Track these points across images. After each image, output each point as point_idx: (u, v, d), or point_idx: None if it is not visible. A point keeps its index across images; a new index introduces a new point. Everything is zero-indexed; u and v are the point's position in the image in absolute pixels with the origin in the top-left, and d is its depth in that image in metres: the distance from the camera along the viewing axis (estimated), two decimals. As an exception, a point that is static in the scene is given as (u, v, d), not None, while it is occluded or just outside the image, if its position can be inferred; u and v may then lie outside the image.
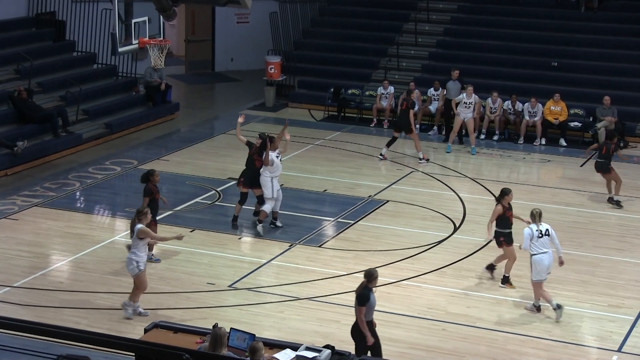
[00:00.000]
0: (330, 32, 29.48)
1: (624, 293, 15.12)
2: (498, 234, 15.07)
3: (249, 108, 27.03)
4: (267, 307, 14.10)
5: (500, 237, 15.04)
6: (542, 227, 14.03)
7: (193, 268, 15.65)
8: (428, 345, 13.24)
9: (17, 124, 21.85)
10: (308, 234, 17.30)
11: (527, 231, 14.03)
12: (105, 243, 16.69)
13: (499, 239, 15.06)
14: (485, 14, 28.82)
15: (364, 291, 11.73)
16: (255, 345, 9.83)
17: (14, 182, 20.00)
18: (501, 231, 15.02)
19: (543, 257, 13.93)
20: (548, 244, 14.01)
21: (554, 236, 14.12)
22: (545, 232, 14.00)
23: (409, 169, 21.42)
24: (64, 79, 24.06)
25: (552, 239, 14.09)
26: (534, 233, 13.97)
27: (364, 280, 11.83)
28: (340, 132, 24.52)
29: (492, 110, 24.32)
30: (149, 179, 15.54)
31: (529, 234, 13.99)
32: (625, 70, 26.03)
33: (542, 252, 13.94)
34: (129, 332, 12.98)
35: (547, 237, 14.00)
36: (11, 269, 15.46)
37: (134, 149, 22.70)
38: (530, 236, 13.97)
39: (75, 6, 25.97)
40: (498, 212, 14.98)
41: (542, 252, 13.95)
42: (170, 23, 21.49)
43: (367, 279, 11.81)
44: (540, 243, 13.95)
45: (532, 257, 13.99)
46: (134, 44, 17.63)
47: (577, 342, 13.52)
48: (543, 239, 13.97)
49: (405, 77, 26.74)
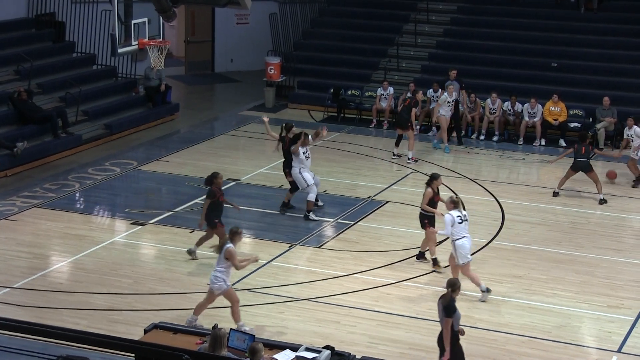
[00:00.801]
0: (330, 33, 29.48)
1: (623, 293, 15.13)
2: (423, 217, 15.78)
3: (248, 109, 27.05)
4: (267, 308, 14.11)
5: (425, 219, 15.74)
6: (462, 213, 14.59)
7: (193, 269, 15.65)
8: (428, 345, 13.23)
9: (17, 125, 21.85)
10: (308, 234, 17.30)
11: (449, 217, 14.57)
12: (105, 244, 16.69)
13: (424, 221, 15.77)
14: (485, 14, 28.83)
15: (450, 302, 11.35)
16: (255, 346, 9.84)
17: (14, 183, 20.01)
18: (426, 214, 15.72)
19: (464, 241, 14.53)
20: (467, 229, 14.60)
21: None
22: (464, 217, 14.60)
23: (409, 170, 21.43)
24: (64, 80, 24.07)
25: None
26: (455, 219, 14.49)
27: (449, 290, 11.44)
28: (340, 132, 24.53)
29: (491, 111, 24.33)
30: (212, 181, 15.55)
31: (451, 220, 14.54)
32: (625, 71, 26.03)
33: (462, 237, 14.53)
34: (128, 332, 12.98)
35: (466, 222, 14.60)
36: (11, 269, 15.47)
37: (133, 150, 22.71)
38: (452, 222, 14.51)
39: (75, 7, 25.98)
40: (429, 196, 15.67)
41: (463, 236, 14.53)
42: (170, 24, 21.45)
43: (452, 289, 11.46)
44: (460, 228, 14.53)
45: (454, 242, 14.58)
46: (134, 44, 17.63)
47: (576, 342, 13.53)
48: (463, 224, 14.55)
49: (405, 78, 26.74)
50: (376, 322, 13.88)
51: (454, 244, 14.64)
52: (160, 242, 16.92)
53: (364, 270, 15.76)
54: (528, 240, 17.30)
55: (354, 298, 14.68)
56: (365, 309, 14.27)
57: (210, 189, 15.63)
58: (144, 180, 20.66)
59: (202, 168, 21.07)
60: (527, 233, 17.67)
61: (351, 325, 13.77)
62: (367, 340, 13.30)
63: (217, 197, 15.58)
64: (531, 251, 16.74)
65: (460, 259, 14.62)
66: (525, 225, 18.06)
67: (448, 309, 11.27)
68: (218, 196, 15.59)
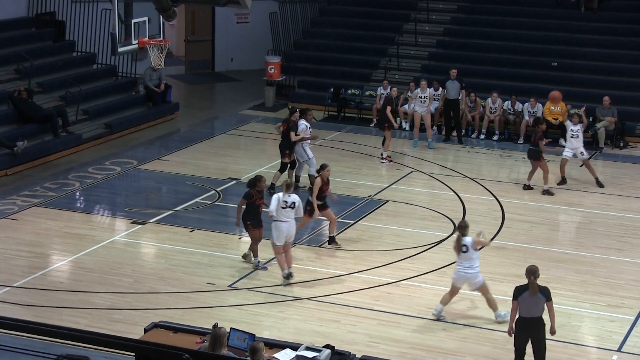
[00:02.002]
0: (330, 32, 29.47)
1: (624, 293, 15.12)
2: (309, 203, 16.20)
3: (248, 108, 27.05)
4: (267, 307, 14.10)
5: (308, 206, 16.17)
6: (289, 199, 14.82)
7: (193, 268, 15.65)
8: (428, 345, 13.25)
9: (17, 124, 21.85)
10: (308, 234, 17.30)
11: (276, 197, 14.92)
12: (105, 243, 16.69)
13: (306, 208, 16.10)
14: (485, 14, 28.82)
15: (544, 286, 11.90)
16: (255, 346, 9.83)
17: (14, 182, 20.00)
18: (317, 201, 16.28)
19: (282, 225, 14.82)
20: (292, 214, 14.90)
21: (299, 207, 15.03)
22: (291, 204, 14.84)
23: (409, 169, 21.43)
24: (64, 79, 24.06)
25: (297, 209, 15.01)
26: (280, 201, 14.80)
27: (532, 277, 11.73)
28: (340, 132, 24.52)
29: (491, 110, 24.33)
30: (255, 184, 15.46)
31: (276, 199, 14.86)
32: (625, 70, 26.02)
33: (282, 221, 14.81)
34: (128, 332, 12.97)
35: (291, 209, 14.86)
36: (11, 269, 15.47)
37: (133, 149, 22.70)
38: (277, 201, 14.82)
39: (75, 6, 25.97)
40: (318, 185, 16.23)
41: (283, 220, 14.81)
42: (170, 23, 21.45)
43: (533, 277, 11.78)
44: (283, 212, 14.82)
45: (274, 222, 14.89)
46: (134, 44, 17.62)
47: (577, 342, 13.52)
48: (287, 210, 14.83)
49: (405, 77, 26.72)
50: (376, 322, 13.87)
51: (273, 224, 14.94)
52: (161, 241, 16.91)
53: (364, 269, 15.76)
54: (528, 239, 17.29)
55: (354, 297, 14.67)
56: (365, 308, 14.27)
57: (248, 190, 15.48)
58: (144, 179, 20.66)
59: (202, 167, 21.09)
60: (528, 232, 17.67)
61: (351, 324, 13.76)
62: (368, 339, 13.30)
63: (253, 199, 15.44)
64: (532, 250, 16.74)
65: (275, 240, 14.94)
66: (526, 224, 18.06)
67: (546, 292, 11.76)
68: (255, 199, 15.45)
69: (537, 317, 11.77)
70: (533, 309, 11.74)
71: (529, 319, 11.76)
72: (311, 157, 19.33)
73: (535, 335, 11.85)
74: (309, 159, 19.35)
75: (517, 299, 11.73)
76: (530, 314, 11.74)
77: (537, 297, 11.70)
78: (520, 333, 11.86)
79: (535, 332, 11.83)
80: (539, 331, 11.84)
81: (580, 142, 20.22)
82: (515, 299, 11.75)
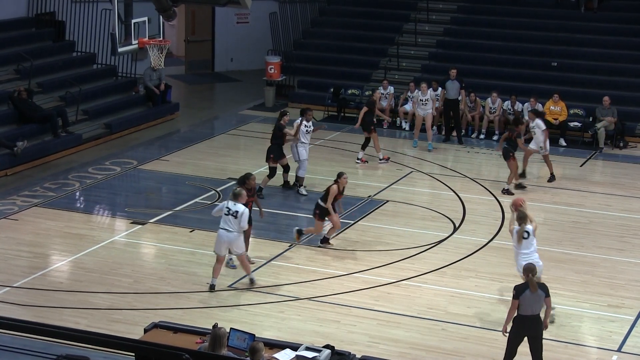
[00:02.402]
0: (330, 32, 29.48)
1: (624, 293, 15.12)
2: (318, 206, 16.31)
3: (248, 108, 27.05)
4: (267, 307, 14.10)
5: (317, 209, 16.37)
6: (233, 208, 14.46)
7: (193, 268, 15.64)
8: (428, 345, 13.25)
9: (17, 124, 21.85)
10: (308, 234, 17.27)
11: (219, 205, 14.83)
12: (105, 243, 16.68)
13: (315, 211, 16.39)
14: (485, 14, 28.83)
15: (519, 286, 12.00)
16: (255, 346, 9.83)
17: (14, 182, 20.00)
18: (322, 205, 16.28)
19: (222, 233, 14.49)
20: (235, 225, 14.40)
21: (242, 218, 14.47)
22: (234, 213, 14.42)
23: (409, 169, 21.42)
24: (64, 79, 24.06)
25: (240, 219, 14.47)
26: (223, 209, 14.57)
27: (530, 275, 11.87)
28: (340, 132, 24.52)
29: (491, 110, 24.33)
30: (245, 182, 15.52)
31: (219, 208, 14.72)
32: (625, 70, 26.02)
33: (223, 229, 14.47)
34: (128, 332, 12.97)
35: (233, 217, 14.42)
36: (11, 269, 15.46)
37: (133, 149, 22.70)
38: (220, 210, 14.67)
39: (75, 6, 25.97)
40: (334, 193, 16.23)
41: (223, 228, 14.46)
42: (170, 23, 21.44)
43: (531, 273, 11.93)
44: (225, 220, 14.45)
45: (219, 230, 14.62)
46: (134, 44, 17.62)
47: (577, 342, 13.52)
48: (229, 217, 14.43)
49: (405, 77, 26.75)
50: (376, 322, 13.87)
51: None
52: (161, 241, 16.91)
53: (364, 269, 15.75)
54: (528, 239, 17.26)
55: (354, 297, 14.67)
56: (365, 308, 14.26)
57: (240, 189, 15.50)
58: (144, 179, 20.66)
59: (202, 167, 21.09)
60: (528, 232, 17.64)
61: (351, 324, 13.76)
62: (368, 339, 13.29)
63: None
64: (531, 250, 16.71)
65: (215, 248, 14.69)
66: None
67: (546, 288, 11.87)
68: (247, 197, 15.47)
69: (537, 315, 11.79)
70: (535, 306, 11.76)
71: (530, 317, 11.77)
72: (303, 158, 19.36)
73: (534, 334, 11.86)
74: (301, 160, 19.36)
75: (518, 297, 11.73)
76: (532, 312, 11.76)
77: (537, 294, 11.73)
78: (519, 332, 11.87)
79: (536, 330, 11.85)
80: (539, 329, 11.88)
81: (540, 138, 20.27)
82: (517, 298, 11.74)
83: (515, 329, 11.89)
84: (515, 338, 11.94)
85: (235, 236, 14.47)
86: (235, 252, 14.76)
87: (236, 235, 14.47)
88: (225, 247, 14.56)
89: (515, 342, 11.95)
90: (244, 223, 14.52)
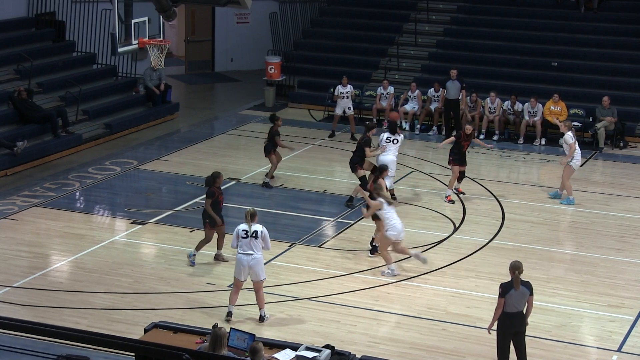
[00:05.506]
0: (330, 32, 29.48)
1: (624, 293, 15.12)
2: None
3: (248, 108, 27.06)
4: (267, 307, 14.08)
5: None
6: (252, 229, 13.45)
7: (193, 268, 15.65)
8: (428, 345, 13.25)
9: (17, 124, 21.85)
10: (308, 234, 17.30)
11: (234, 234, 13.56)
12: (105, 243, 16.68)
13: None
14: (485, 14, 28.83)
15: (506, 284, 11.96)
16: (255, 346, 9.82)
17: (14, 182, 20.00)
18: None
19: (242, 258, 13.44)
20: (255, 247, 13.41)
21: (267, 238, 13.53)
22: (254, 234, 13.41)
23: (409, 169, 21.42)
24: (64, 79, 24.06)
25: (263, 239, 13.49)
26: (239, 233, 13.48)
27: (516, 272, 11.83)
28: (341, 132, 24.51)
29: (490, 110, 24.33)
30: (215, 181, 15.56)
31: (237, 230, 13.51)
32: (625, 70, 26.03)
33: (243, 254, 13.41)
34: (128, 332, 12.98)
35: (254, 238, 13.39)
36: (11, 269, 15.47)
37: (133, 149, 22.70)
38: (237, 233, 13.48)
39: (75, 6, 25.97)
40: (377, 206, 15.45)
41: (243, 253, 13.41)
42: (170, 23, 21.48)
43: (518, 271, 11.88)
44: (245, 243, 13.41)
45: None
46: (134, 44, 17.63)
47: (577, 342, 13.52)
48: (249, 239, 13.40)
49: (405, 77, 26.75)
50: (376, 322, 13.87)
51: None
52: (161, 241, 16.91)
53: (364, 269, 15.75)
54: (529, 239, 17.29)
55: (354, 297, 14.67)
56: (365, 309, 14.26)
57: (209, 189, 15.62)
58: (144, 179, 20.65)
59: (202, 167, 21.07)
60: (528, 232, 17.67)
61: (351, 324, 13.76)
62: (368, 339, 13.29)
63: (216, 197, 15.58)
64: (532, 250, 16.73)
65: (235, 274, 13.62)
66: (526, 224, 18.05)
67: (530, 286, 11.91)
68: (217, 196, 15.60)
69: (521, 311, 11.91)
70: (519, 303, 11.84)
71: (515, 314, 11.84)
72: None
73: (519, 330, 11.95)
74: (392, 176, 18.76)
75: (504, 296, 11.77)
76: (516, 309, 11.84)
77: (522, 291, 11.81)
78: (507, 329, 11.90)
79: (520, 325, 11.95)
80: (523, 325, 11.98)
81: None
82: (503, 296, 11.78)
83: (504, 328, 11.92)
84: (503, 336, 11.96)
85: (258, 259, 13.46)
86: (253, 279, 13.59)
87: (260, 258, 13.48)
88: (247, 272, 13.47)
89: (504, 340, 11.96)
90: (269, 242, 13.60)
